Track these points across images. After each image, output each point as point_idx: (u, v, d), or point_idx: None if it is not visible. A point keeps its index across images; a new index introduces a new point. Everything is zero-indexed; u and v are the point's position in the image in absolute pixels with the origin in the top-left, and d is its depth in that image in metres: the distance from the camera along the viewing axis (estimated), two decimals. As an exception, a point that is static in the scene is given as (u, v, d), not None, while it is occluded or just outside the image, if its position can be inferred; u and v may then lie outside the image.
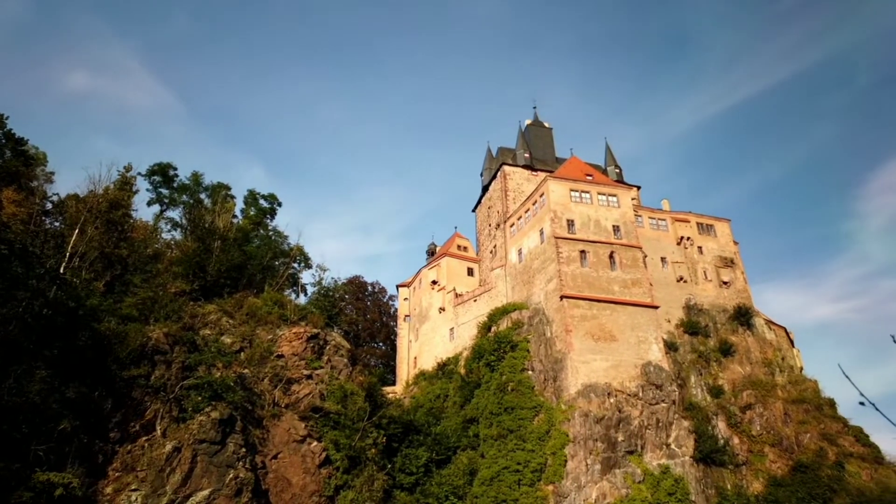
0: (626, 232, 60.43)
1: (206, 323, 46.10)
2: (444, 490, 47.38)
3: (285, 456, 41.29)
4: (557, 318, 54.71)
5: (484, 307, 65.10)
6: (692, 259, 66.41)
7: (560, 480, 45.59)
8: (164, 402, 36.01)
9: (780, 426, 54.34)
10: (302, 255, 73.14)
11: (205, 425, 36.08)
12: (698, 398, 55.72)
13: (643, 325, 54.87)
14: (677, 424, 50.26)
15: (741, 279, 67.47)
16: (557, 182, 62.07)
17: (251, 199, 72.62)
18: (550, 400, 50.93)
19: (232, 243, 58.63)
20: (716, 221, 70.41)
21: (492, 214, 76.29)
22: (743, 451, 52.49)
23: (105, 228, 44.87)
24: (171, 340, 38.93)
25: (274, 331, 49.21)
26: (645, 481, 46.08)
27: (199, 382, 37.65)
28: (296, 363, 47.81)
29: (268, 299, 52.63)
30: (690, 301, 63.44)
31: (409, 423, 51.84)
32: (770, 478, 50.67)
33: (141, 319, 38.95)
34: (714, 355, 59.79)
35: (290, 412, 43.79)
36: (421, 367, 70.05)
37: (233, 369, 41.97)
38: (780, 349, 63.42)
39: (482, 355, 56.74)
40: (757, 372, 59.38)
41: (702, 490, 47.56)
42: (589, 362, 51.70)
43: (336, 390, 46.75)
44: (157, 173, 63.58)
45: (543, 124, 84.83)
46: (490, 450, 48.78)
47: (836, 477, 49.46)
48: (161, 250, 53.78)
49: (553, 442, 47.52)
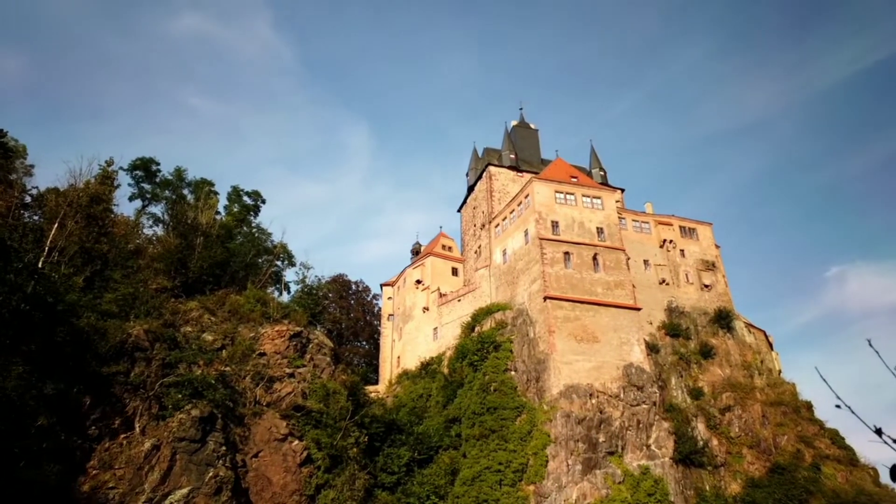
0: (610, 234, 60.85)
1: (188, 320, 45.59)
2: (426, 490, 47.43)
3: (266, 455, 40.98)
4: (541, 318, 54.93)
5: (468, 307, 65.21)
6: (674, 262, 67.04)
7: (541, 481, 45.81)
8: (144, 399, 35.60)
9: (759, 428, 55.05)
10: (286, 253, 72.69)
11: (185, 423, 35.74)
12: (679, 400, 56.27)
13: (625, 326, 55.30)
14: (658, 426, 50.73)
15: (722, 282, 68.24)
16: (543, 183, 62.34)
17: (235, 196, 72.00)
18: (533, 400, 51.15)
19: (215, 240, 58.03)
20: (698, 225, 71.14)
21: (477, 215, 76.41)
22: (722, 453, 53.09)
23: (85, 223, 44.17)
24: (151, 337, 38.48)
25: (256, 328, 48.79)
26: (625, 482, 46.46)
27: (179, 380, 37.28)
28: (278, 361, 47.45)
29: (250, 297, 52.18)
30: (672, 303, 64.04)
31: (392, 422, 51.82)
32: (748, 479, 51.32)
33: (121, 316, 38.44)
34: (694, 357, 60.41)
35: (271, 411, 43.47)
36: (404, 367, 70.00)
37: (214, 367, 41.57)
38: (759, 352, 64.25)
39: (465, 355, 56.88)
40: (736, 374, 60.09)
41: (681, 491, 48.05)
42: (571, 363, 51.99)
43: (318, 389, 46.50)
44: (140, 168, 62.67)
45: (529, 126, 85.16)
46: (472, 450, 48.86)
47: (813, 479, 50.23)
48: (142, 246, 53.04)
49: (535, 442, 47.73)
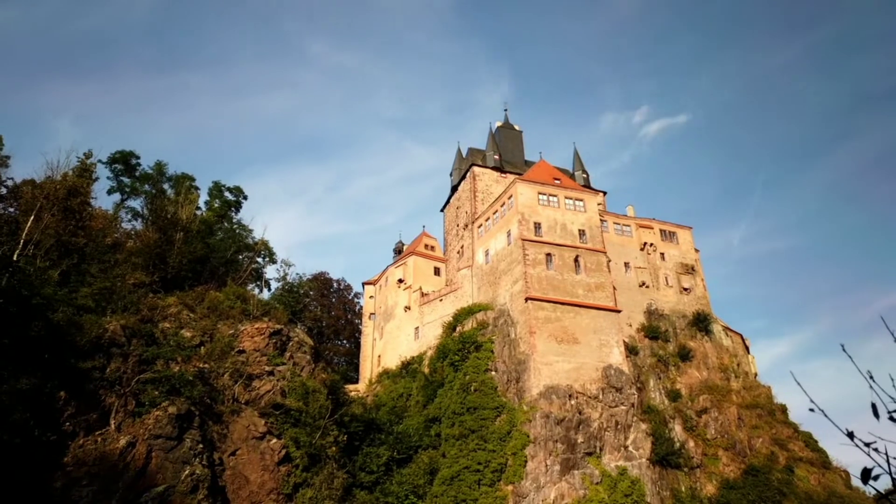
0: (592, 236, 61.25)
1: (166, 316, 45.08)
2: (404, 489, 47.35)
3: (244, 453, 40.64)
4: (522, 319, 55.13)
5: (450, 307, 65.22)
6: (654, 265, 67.68)
7: (520, 481, 45.97)
8: (120, 395, 35.14)
9: (734, 430, 55.79)
10: (266, 250, 72.28)
11: (161, 420, 35.33)
12: (656, 401, 56.81)
13: (605, 328, 55.70)
14: (635, 427, 51.16)
15: (701, 286, 69.04)
16: (526, 185, 62.56)
17: (216, 191, 71.40)
18: (513, 401, 51.30)
19: (195, 235, 57.47)
20: (678, 229, 71.88)
21: (460, 215, 76.47)
22: (698, 454, 53.68)
23: (62, 216, 43.49)
24: (128, 333, 38.00)
25: (236, 325, 48.38)
26: (602, 482, 46.79)
27: (156, 376, 36.86)
28: (257, 359, 47.09)
29: (230, 293, 51.73)
30: (652, 306, 64.64)
31: (371, 421, 51.68)
32: (723, 480, 51.96)
33: (97, 310, 37.91)
34: (673, 360, 61.05)
35: (249, 409, 43.12)
36: (385, 366, 69.83)
37: (192, 364, 41.16)
38: (735, 355, 65.12)
39: (446, 355, 56.87)
40: (713, 377, 60.84)
41: (657, 492, 48.50)
42: (551, 364, 52.24)
43: (298, 387, 46.23)
44: (119, 161, 61.84)
45: (514, 127, 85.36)
46: (451, 449, 48.89)
47: (786, 481, 51.05)
48: (120, 240, 52.32)
49: (514, 442, 47.88)
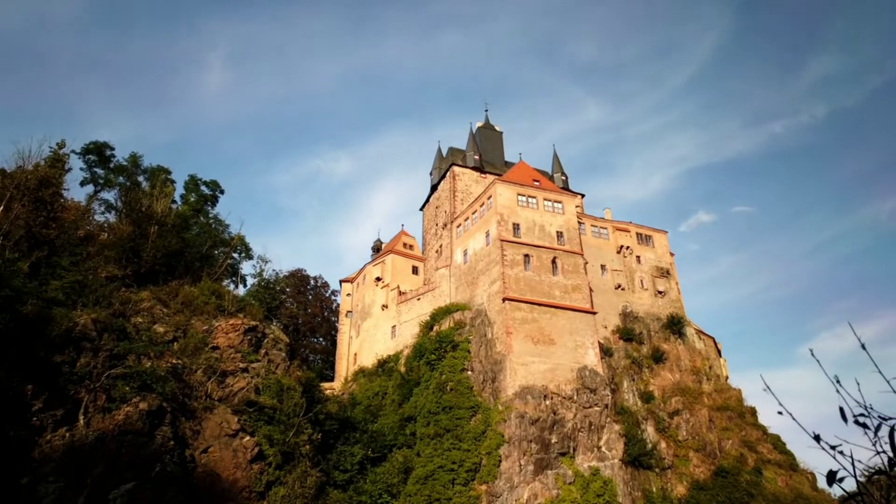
0: (570, 238, 61.70)
1: (139, 310, 44.29)
2: (378, 488, 47.23)
3: (216, 450, 40.13)
4: (499, 319, 55.33)
5: (427, 306, 65.21)
6: (630, 268, 68.42)
7: (493, 480, 46.15)
8: (90, 390, 34.44)
9: (705, 432, 56.66)
10: (243, 245, 71.47)
11: (132, 416, 34.72)
12: (630, 403, 57.46)
13: (581, 329, 56.16)
14: (609, 428, 51.68)
15: (675, 289, 69.96)
16: (505, 186, 62.80)
17: (192, 185, 70.31)
18: (488, 401, 51.47)
19: (170, 229, 56.51)
20: (654, 232, 72.73)
21: (439, 214, 76.47)
22: (669, 456, 54.41)
23: (33, 207, 42.48)
24: (99, 327, 37.24)
25: (210, 321, 47.74)
26: (575, 482, 47.19)
27: (127, 372, 36.18)
28: (231, 355, 46.52)
29: (205, 289, 51.03)
30: (627, 308, 65.35)
31: (347, 419, 51.44)
32: (693, 481, 52.73)
33: (68, 304, 37.11)
34: (646, 362, 61.80)
35: (223, 406, 42.59)
36: (361, 364, 69.59)
37: (165, 359, 40.51)
38: (708, 358, 66.14)
39: (423, 354, 56.88)
40: (686, 379, 61.72)
41: (629, 492, 49.05)
42: (527, 364, 52.53)
43: (272, 384, 45.78)
44: (93, 152, 60.60)
45: (494, 127, 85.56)
46: (426, 448, 48.89)
47: (755, 482, 51.99)
48: (93, 233, 51.29)
49: (488, 442, 48.05)
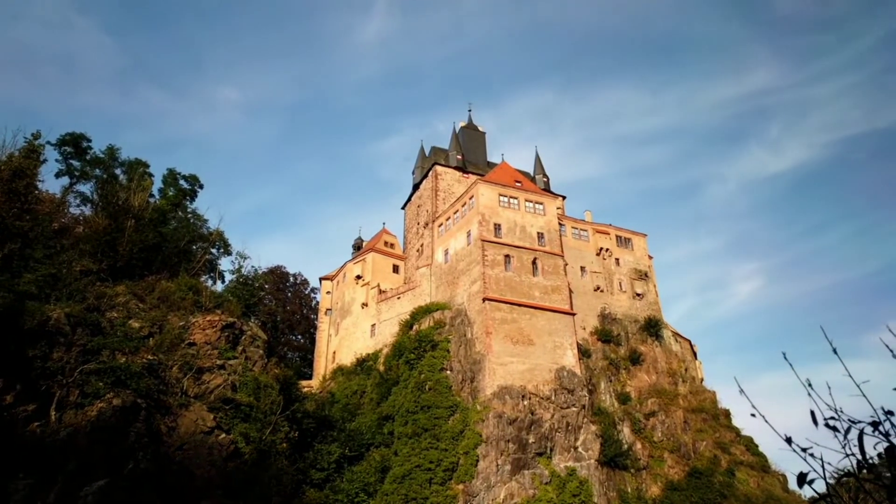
0: (550, 240, 62.03)
1: (114, 305, 43.52)
2: (355, 487, 47.03)
3: (191, 447, 39.62)
4: (479, 319, 55.45)
5: (407, 305, 65.11)
6: (609, 270, 68.99)
7: (471, 480, 46.25)
8: (62, 386, 33.80)
9: (680, 433, 57.38)
10: (222, 241, 70.55)
11: (105, 412, 34.15)
12: (606, 404, 57.96)
13: (560, 330, 56.50)
14: (585, 428, 52.07)
15: (653, 292, 70.71)
16: (487, 186, 62.94)
17: (171, 179, 69.30)
18: (466, 400, 51.55)
19: (147, 223, 55.61)
20: (633, 235, 73.44)
21: (421, 213, 76.39)
22: (644, 456, 55.00)
23: (6, 198, 41.46)
24: (72, 321, 36.57)
25: (187, 317, 47.08)
26: (552, 482, 47.47)
27: (101, 367, 35.55)
28: (208, 352, 45.95)
29: (182, 284, 50.32)
30: (605, 310, 65.89)
31: (324, 418, 51.15)
32: (668, 482, 53.38)
33: (41, 297, 36.37)
34: (624, 363, 62.38)
35: (198, 403, 42.06)
36: (339, 362, 69.24)
37: (140, 355, 39.89)
38: (684, 360, 66.98)
39: (402, 353, 56.77)
40: (662, 381, 62.44)
41: (604, 493, 49.47)
42: (506, 364, 52.71)
43: (249, 382, 45.34)
44: (69, 144, 59.47)
45: (477, 128, 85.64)
46: (404, 448, 48.82)
47: (727, 483, 52.79)
48: (68, 225, 50.33)
49: (466, 442, 48.13)
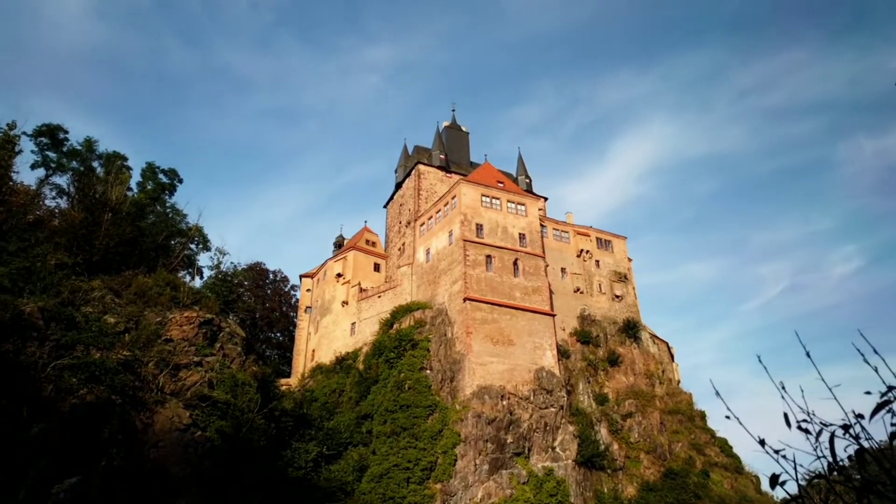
0: (532, 241, 62.30)
1: (89, 300, 42.77)
2: (332, 485, 46.84)
3: (166, 445, 39.09)
4: (459, 319, 55.51)
5: (388, 304, 64.98)
6: (590, 272, 69.49)
7: (448, 479, 46.32)
8: (34, 381, 33.20)
9: (656, 435, 57.99)
10: (201, 237, 69.76)
11: (78, 409, 33.57)
12: (584, 404, 58.37)
13: (540, 331, 56.79)
14: (563, 429, 52.40)
15: (632, 294, 71.37)
16: (470, 186, 63.03)
17: (149, 173, 68.35)
18: (446, 400, 51.60)
19: (125, 217, 54.76)
20: (614, 238, 74.04)
21: (403, 212, 76.26)
22: (621, 457, 55.49)
23: (-21, 188, 40.80)
24: (46, 316, 35.91)
25: (164, 313, 46.41)
26: (529, 482, 47.70)
27: (75, 363, 34.95)
28: (185, 349, 45.35)
29: (160, 279, 49.62)
30: (585, 311, 66.36)
31: (302, 416, 50.85)
32: (643, 483, 53.92)
33: (14, 291, 35.67)
34: (602, 364, 62.88)
35: (175, 400, 41.49)
36: (319, 361, 68.88)
37: (115, 351, 39.26)
38: (661, 362, 67.69)
39: (382, 352, 56.63)
40: (639, 382, 63.05)
41: (581, 493, 49.84)
42: (486, 364, 52.85)
43: (227, 379, 44.84)
44: (45, 135, 58.38)
45: (461, 128, 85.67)
46: (382, 447, 48.73)
47: (702, 484, 53.48)
48: (43, 218, 49.42)
49: (445, 441, 48.18)
